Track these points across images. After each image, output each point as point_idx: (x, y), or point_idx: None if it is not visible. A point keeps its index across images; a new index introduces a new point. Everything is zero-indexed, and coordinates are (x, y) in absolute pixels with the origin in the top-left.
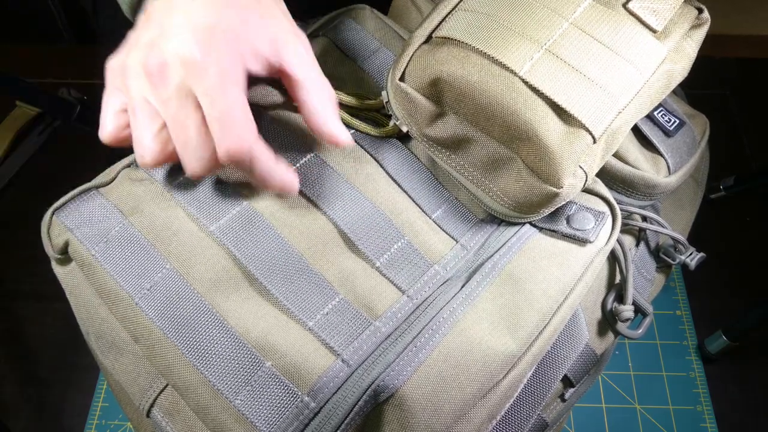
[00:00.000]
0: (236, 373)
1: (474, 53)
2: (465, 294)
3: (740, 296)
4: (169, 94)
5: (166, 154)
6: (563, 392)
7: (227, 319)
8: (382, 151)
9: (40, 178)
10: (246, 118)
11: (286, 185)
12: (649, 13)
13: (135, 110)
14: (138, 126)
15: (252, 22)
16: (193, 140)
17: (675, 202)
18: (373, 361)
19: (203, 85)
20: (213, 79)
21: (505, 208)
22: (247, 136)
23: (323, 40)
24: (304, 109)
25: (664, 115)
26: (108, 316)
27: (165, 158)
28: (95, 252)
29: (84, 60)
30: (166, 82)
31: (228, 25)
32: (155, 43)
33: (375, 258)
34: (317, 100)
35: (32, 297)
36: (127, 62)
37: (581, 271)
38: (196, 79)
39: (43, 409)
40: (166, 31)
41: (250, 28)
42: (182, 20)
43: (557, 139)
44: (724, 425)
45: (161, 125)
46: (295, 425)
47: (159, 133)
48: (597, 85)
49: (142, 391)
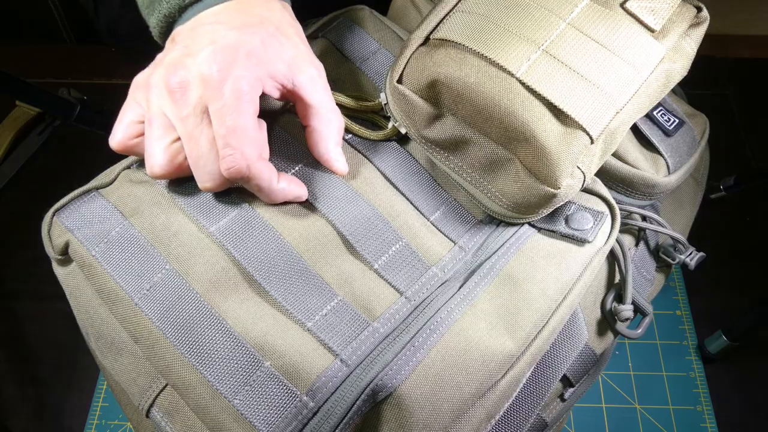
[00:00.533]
0: (235, 373)
1: (471, 55)
2: (463, 294)
3: (740, 296)
4: (188, 111)
5: (174, 166)
6: (563, 392)
7: (226, 320)
8: (381, 154)
9: (40, 178)
10: (251, 139)
11: (288, 200)
12: (647, 12)
13: (151, 122)
14: (151, 137)
15: (272, 47)
16: (204, 156)
17: (675, 202)
18: (372, 360)
19: (217, 104)
20: (227, 99)
21: (503, 208)
22: (247, 156)
23: (322, 41)
24: (312, 134)
25: (664, 114)
26: (108, 316)
27: (173, 170)
28: (95, 253)
29: (84, 60)
30: (186, 99)
31: (250, 48)
32: (179, 62)
33: (373, 260)
34: (325, 128)
35: (32, 297)
36: (151, 80)
37: (580, 271)
38: (212, 97)
39: (43, 409)
40: (190, 51)
41: (269, 53)
42: (206, 41)
43: (555, 139)
44: (724, 425)
45: (173, 139)
46: (294, 425)
47: (169, 147)
48: (594, 86)
49: (141, 391)
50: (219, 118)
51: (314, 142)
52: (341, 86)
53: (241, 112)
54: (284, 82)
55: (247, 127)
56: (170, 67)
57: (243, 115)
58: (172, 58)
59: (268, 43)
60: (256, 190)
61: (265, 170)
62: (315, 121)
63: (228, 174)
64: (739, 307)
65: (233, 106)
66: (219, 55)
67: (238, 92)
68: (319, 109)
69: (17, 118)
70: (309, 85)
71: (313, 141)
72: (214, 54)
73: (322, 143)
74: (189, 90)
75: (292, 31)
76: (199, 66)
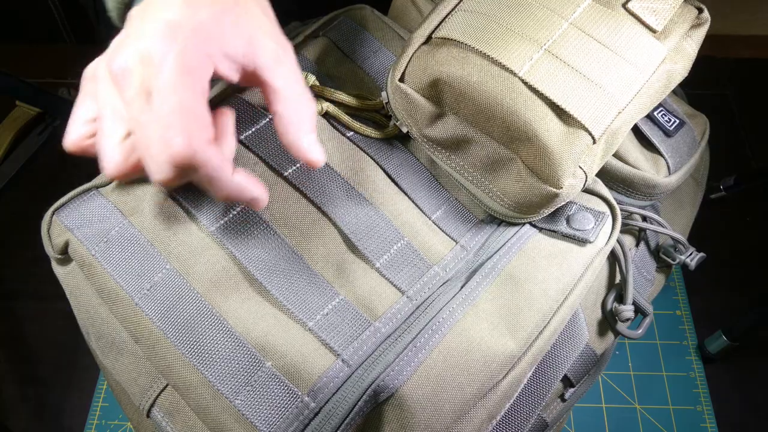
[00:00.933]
0: (236, 373)
1: (474, 54)
2: (465, 294)
3: (740, 296)
4: (131, 94)
5: (130, 164)
6: (563, 392)
7: (227, 320)
8: (382, 152)
9: (40, 178)
10: (197, 120)
11: (243, 198)
12: (649, 12)
13: (102, 116)
14: (102, 133)
15: (227, 22)
16: (154, 144)
17: (675, 202)
18: (373, 361)
19: (158, 81)
20: (167, 76)
21: (504, 208)
22: (194, 140)
23: (323, 40)
24: (279, 121)
25: (664, 115)
26: (108, 316)
27: (129, 169)
28: (95, 252)
29: (84, 60)
30: (129, 82)
31: (198, 23)
32: (122, 44)
33: (375, 259)
34: (293, 114)
35: (32, 297)
36: (97, 69)
37: (581, 272)
38: (153, 75)
39: (43, 409)
40: (135, 31)
41: (224, 28)
42: (151, 19)
43: (557, 139)
44: (724, 425)
45: (127, 133)
46: (295, 425)
47: (122, 142)
48: (596, 86)
49: (142, 391)
50: (159, 97)
51: (283, 131)
52: (342, 85)
53: (186, 89)
54: (243, 62)
55: (193, 107)
56: (113, 51)
57: (187, 93)
58: (115, 42)
59: (222, 17)
60: (206, 182)
61: (215, 157)
62: (281, 107)
63: (172, 160)
64: (739, 307)
65: (177, 82)
66: (160, 31)
67: (180, 68)
68: (284, 92)
69: (17, 118)
70: (273, 65)
71: (281, 129)
72: (156, 31)
73: (291, 131)
74: (131, 72)
75: (253, 4)
76: (139, 45)
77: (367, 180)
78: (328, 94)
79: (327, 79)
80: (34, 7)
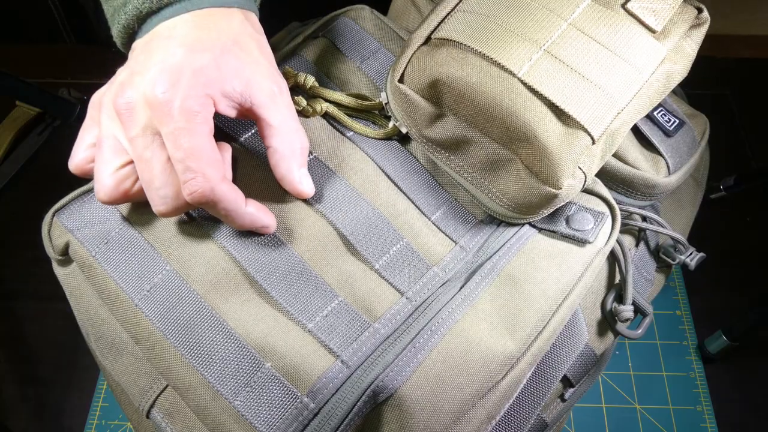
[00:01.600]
0: (236, 374)
1: (473, 54)
2: (464, 295)
3: (740, 296)
4: (136, 133)
5: (120, 192)
6: (563, 392)
7: (227, 321)
8: (381, 153)
9: (40, 178)
10: (210, 160)
11: (255, 227)
12: (649, 13)
13: (101, 145)
14: (100, 160)
15: (225, 65)
16: (157, 179)
17: (675, 202)
18: (372, 362)
19: (168, 127)
20: (177, 120)
21: (504, 209)
22: (210, 178)
23: (323, 41)
24: (273, 155)
25: (664, 115)
26: (108, 317)
27: (119, 196)
28: (96, 253)
29: (84, 60)
30: (134, 120)
31: (199, 67)
32: (126, 82)
33: (374, 260)
34: (287, 149)
35: (32, 297)
36: (103, 99)
37: (581, 272)
38: (161, 120)
39: (43, 409)
40: (139, 70)
41: (222, 71)
42: (155, 60)
43: (556, 140)
44: (724, 425)
45: (123, 163)
46: (295, 426)
47: (117, 172)
48: (596, 86)
49: (142, 392)
50: (173, 141)
51: (275, 164)
52: (341, 86)
53: (195, 133)
54: (241, 101)
55: (205, 147)
56: (119, 86)
57: (198, 136)
58: (122, 77)
59: (222, 59)
60: (223, 214)
61: (230, 192)
62: (276, 142)
63: (192, 199)
64: (739, 307)
65: (186, 127)
66: (164, 75)
67: (188, 113)
68: (279, 128)
69: (17, 118)
70: (268, 103)
71: (274, 162)
72: (160, 74)
73: (283, 165)
74: (136, 111)
75: (253, 44)
76: (145, 87)
77: (366, 181)
78: (328, 95)
79: (326, 80)
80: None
